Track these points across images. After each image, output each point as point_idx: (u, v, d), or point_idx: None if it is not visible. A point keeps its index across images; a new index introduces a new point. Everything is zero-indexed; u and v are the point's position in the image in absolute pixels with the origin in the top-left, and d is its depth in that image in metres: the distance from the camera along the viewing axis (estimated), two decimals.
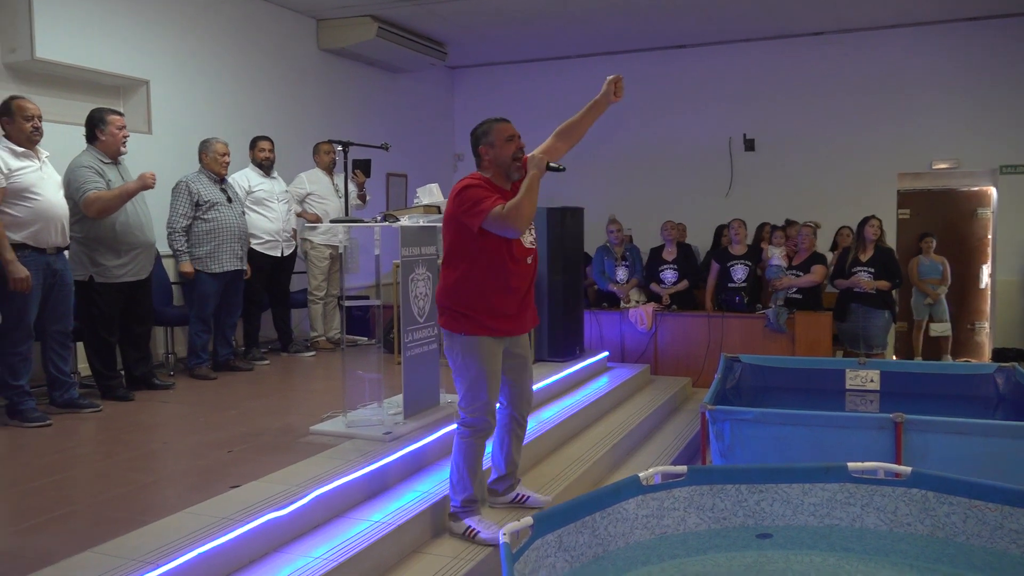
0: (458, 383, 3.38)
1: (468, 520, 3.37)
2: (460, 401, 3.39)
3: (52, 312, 4.46)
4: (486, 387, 3.32)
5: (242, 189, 6.14)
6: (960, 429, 3.83)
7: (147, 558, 2.57)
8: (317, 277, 6.69)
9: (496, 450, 3.64)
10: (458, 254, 3.30)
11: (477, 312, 3.28)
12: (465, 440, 3.37)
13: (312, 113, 7.94)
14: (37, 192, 4.26)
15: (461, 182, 3.31)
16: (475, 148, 3.40)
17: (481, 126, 3.42)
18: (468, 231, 3.22)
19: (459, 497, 3.39)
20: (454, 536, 3.40)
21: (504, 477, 3.67)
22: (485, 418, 3.36)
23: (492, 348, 3.33)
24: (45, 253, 4.33)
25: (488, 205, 3.16)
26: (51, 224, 4.33)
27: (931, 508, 2.75)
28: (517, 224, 3.14)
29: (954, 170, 8.68)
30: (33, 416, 4.26)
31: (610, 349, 7.17)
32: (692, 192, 9.43)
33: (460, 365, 3.34)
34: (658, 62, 9.59)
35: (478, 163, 3.41)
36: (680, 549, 2.82)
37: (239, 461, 3.66)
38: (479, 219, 3.16)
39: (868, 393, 5.26)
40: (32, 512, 3.04)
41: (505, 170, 3.35)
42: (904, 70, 8.69)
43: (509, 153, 3.32)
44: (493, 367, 3.34)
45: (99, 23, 5.78)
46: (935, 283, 8.21)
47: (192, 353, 5.64)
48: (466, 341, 3.30)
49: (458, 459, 3.38)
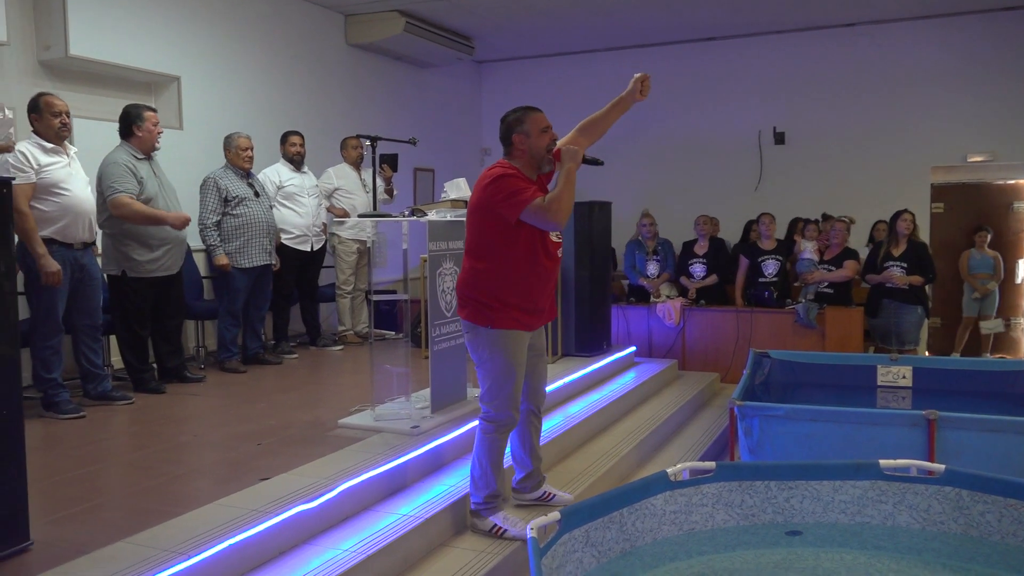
0: (482, 377, 3.32)
1: (494, 517, 3.34)
2: (483, 396, 3.32)
3: (81, 306, 4.52)
4: (513, 382, 3.26)
5: (273, 184, 6.20)
6: (995, 427, 3.77)
7: (179, 548, 2.61)
8: (345, 271, 6.73)
9: (518, 448, 3.56)
10: (487, 245, 3.22)
11: (508, 305, 3.21)
12: (489, 435, 3.31)
13: (340, 108, 7.98)
14: (65, 188, 4.32)
15: (493, 171, 3.24)
16: (507, 135, 3.31)
17: (515, 113, 3.33)
18: (502, 221, 3.16)
19: (482, 493, 3.35)
20: (478, 533, 3.36)
21: (531, 475, 3.61)
22: (509, 413, 3.30)
23: (520, 342, 3.28)
24: (72, 248, 4.40)
25: (528, 196, 3.12)
26: (79, 219, 4.39)
27: (965, 507, 2.71)
28: (558, 217, 3.11)
29: (989, 163, 8.52)
30: (67, 408, 4.33)
31: (638, 344, 7.14)
32: (721, 186, 9.35)
33: (486, 358, 3.27)
34: (687, 55, 9.52)
35: (508, 151, 3.33)
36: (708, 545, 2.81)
37: (268, 454, 3.69)
38: (518, 210, 3.11)
39: (900, 390, 5.19)
40: (67, 502, 3.09)
41: (537, 161, 3.30)
42: (938, 61, 8.54)
43: (543, 144, 3.27)
44: (520, 360, 3.28)
45: (131, 20, 5.85)
46: (985, 278, 8.04)
47: (222, 347, 5.70)
48: (494, 334, 3.23)
49: (481, 455, 3.32)
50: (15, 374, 2.67)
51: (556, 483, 3.88)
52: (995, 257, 8.10)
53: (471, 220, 3.29)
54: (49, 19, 5.37)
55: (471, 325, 3.29)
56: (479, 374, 3.34)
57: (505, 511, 3.40)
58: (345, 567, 2.79)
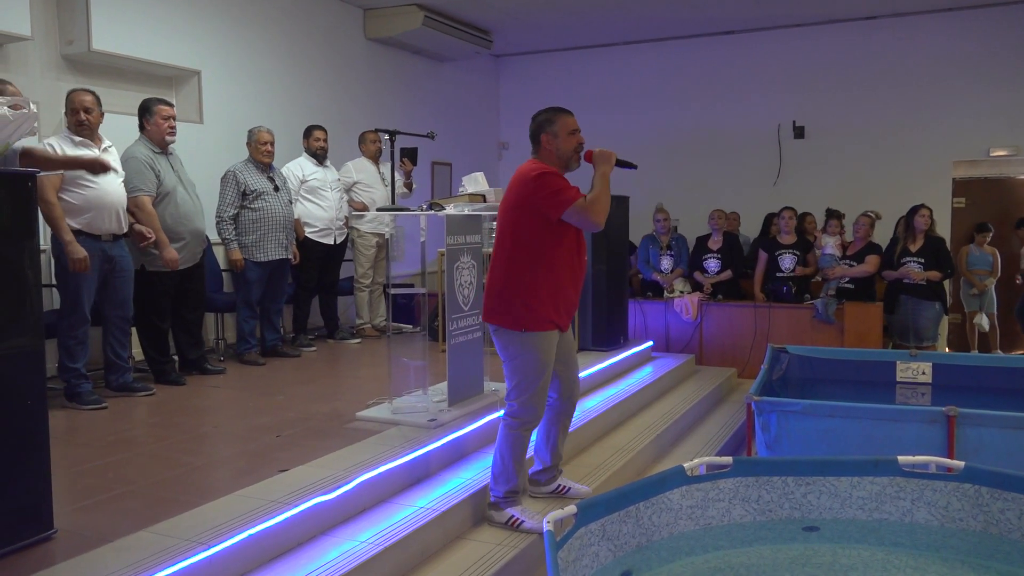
0: (509, 374, 3.34)
1: (511, 510, 3.37)
2: (510, 392, 3.35)
3: (112, 298, 4.59)
4: (540, 380, 3.30)
5: (296, 178, 6.24)
6: (1016, 423, 3.74)
7: (199, 538, 2.64)
8: (364, 265, 6.76)
9: (541, 443, 3.62)
10: (525, 243, 3.24)
11: (543, 305, 3.25)
12: (513, 432, 3.34)
13: (358, 102, 8.00)
14: (92, 180, 4.37)
15: (533, 169, 3.25)
16: (536, 134, 3.35)
17: (545, 113, 3.36)
18: (542, 219, 3.20)
19: (502, 488, 3.38)
20: (494, 525, 3.40)
21: (548, 468, 3.67)
22: (535, 410, 3.33)
23: (551, 341, 3.32)
24: (100, 240, 4.45)
25: (572, 195, 3.16)
26: (105, 211, 4.44)
27: (984, 504, 2.70)
28: (600, 218, 3.18)
29: (1012, 157, 8.42)
30: (89, 399, 4.39)
31: (655, 339, 7.13)
32: (740, 180, 9.30)
33: (516, 356, 3.29)
34: (706, 49, 9.46)
35: (535, 149, 3.37)
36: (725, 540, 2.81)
37: (287, 445, 3.73)
38: (563, 208, 3.16)
39: (920, 386, 5.16)
40: (90, 491, 3.13)
41: (564, 162, 3.33)
42: (960, 54, 8.44)
43: (571, 146, 3.32)
44: (549, 359, 3.32)
45: (153, 15, 5.90)
46: (983, 274, 7.98)
47: (240, 339, 5.75)
48: (526, 336, 3.26)
49: (504, 450, 3.35)
50: (40, 364, 2.71)
51: (573, 476, 3.90)
52: (993, 253, 8.01)
53: (507, 218, 3.30)
54: (72, 14, 5.43)
55: (501, 328, 3.31)
56: (506, 371, 3.36)
57: (523, 504, 3.43)
58: (362, 559, 2.82)
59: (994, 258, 8.01)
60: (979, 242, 8.06)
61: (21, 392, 2.62)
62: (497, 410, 4.27)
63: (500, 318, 3.30)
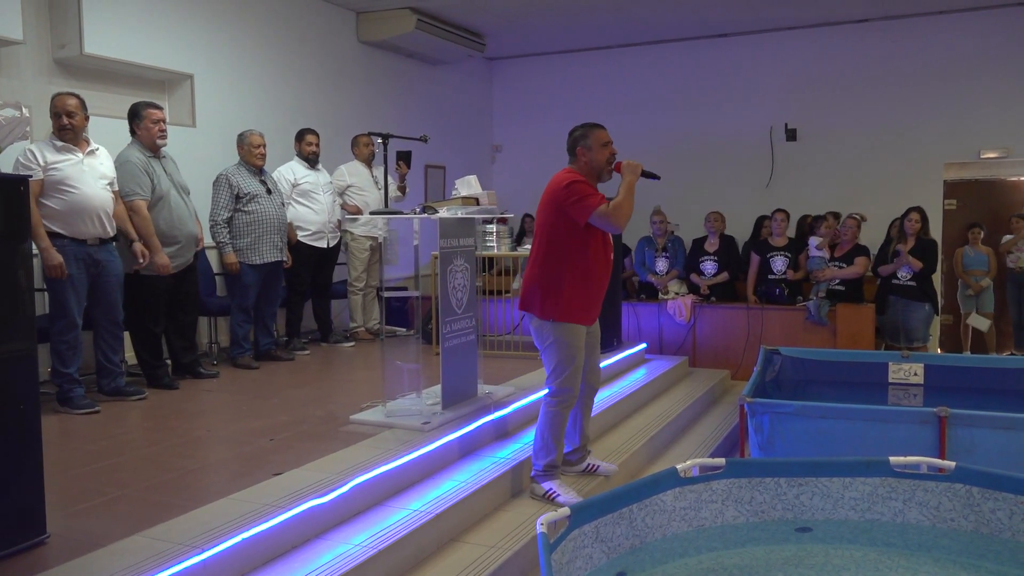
0: (546, 360, 3.74)
1: (548, 484, 3.71)
2: (549, 376, 3.74)
3: (100, 302, 4.57)
4: (574, 363, 3.69)
5: (288, 182, 6.23)
6: (1007, 424, 3.75)
7: (193, 542, 2.64)
8: (357, 268, 6.76)
9: (569, 426, 3.93)
10: (555, 242, 3.61)
11: (571, 300, 3.62)
12: (552, 409, 3.71)
13: (351, 105, 8.00)
14: (73, 185, 4.34)
15: (565, 177, 3.62)
16: (572, 147, 3.72)
17: (580, 129, 3.73)
18: (569, 222, 3.56)
19: (542, 462, 3.74)
20: (535, 497, 3.74)
21: (577, 449, 4.04)
22: (571, 390, 3.72)
23: (579, 332, 3.72)
24: (86, 244, 4.43)
25: (596, 201, 3.52)
26: (87, 216, 4.40)
27: (976, 504, 2.71)
28: (621, 222, 3.53)
29: (1003, 159, 8.46)
30: (81, 403, 4.38)
31: (648, 341, 7.14)
32: (733, 182, 9.33)
33: (550, 343, 3.69)
34: (699, 51, 9.50)
35: (572, 160, 3.73)
36: (718, 542, 2.81)
37: (281, 449, 3.72)
38: (588, 213, 3.51)
39: (912, 387, 5.17)
40: (83, 496, 3.13)
41: (597, 172, 3.70)
42: (951, 57, 8.49)
43: (603, 158, 3.69)
44: (579, 345, 3.72)
45: (145, 19, 5.89)
46: (979, 274, 8.00)
47: (234, 343, 5.74)
48: (558, 326, 3.65)
49: (543, 427, 3.72)
50: (33, 369, 2.71)
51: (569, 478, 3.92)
52: (988, 253, 8.03)
53: (542, 220, 3.70)
54: (64, 18, 5.42)
55: (536, 318, 3.70)
56: (544, 357, 3.77)
57: (559, 479, 3.78)
58: (356, 561, 2.82)
59: (990, 258, 8.02)
60: (972, 241, 8.07)
61: (14, 396, 2.62)
62: (491, 412, 4.29)
63: (532, 307, 3.71)
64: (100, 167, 4.55)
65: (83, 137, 4.50)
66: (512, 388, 4.79)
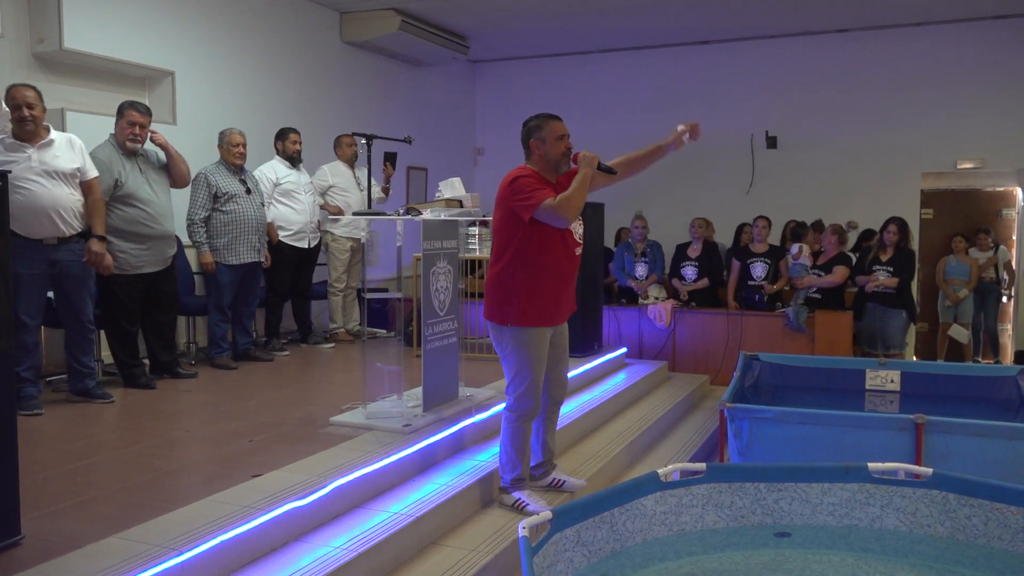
0: (506, 369, 3.58)
1: (517, 494, 3.61)
2: (508, 386, 3.58)
3: (63, 302, 4.46)
4: (534, 375, 3.52)
5: (269, 181, 6.19)
6: (982, 431, 3.80)
7: (170, 544, 2.61)
8: (337, 269, 6.72)
9: (532, 439, 3.76)
10: (507, 243, 3.47)
11: (530, 302, 3.45)
12: (512, 424, 3.58)
13: (334, 105, 7.97)
14: (21, 185, 4.14)
15: (512, 173, 3.48)
16: (525, 139, 3.54)
17: (534, 120, 3.55)
18: (518, 220, 3.41)
19: (508, 476, 3.63)
20: (504, 507, 3.65)
21: (540, 464, 3.86)
22: (531, 402, 3.56)
23: (542, 338, 3.53)
24: (42, 243, 4.27)
25: (540, 196, 3.35)
26: (39, 216, 4.23)
27: (952, 510, 2.74)
28: (567, 215, 3.34)
29: (979, 170, 8.59)
30: (27, 404, 4.19)
31: (628, 345, 7.17)
32: (713, 189, 9.39)
33: (510, 352, 3.53)
34: (681, 58, 9.55)
35: (527, 155, 3.57)
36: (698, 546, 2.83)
37: (260, 450, 3.69)
38: (531, 210, 3.34)
39: (888, 394, 5.23)
40: (58, 497, 3.08)
41: (553, 165, 3.52)
42: (929, 68, 8.60)
43: (559, 151, 3.50)
44: (540, 354, 3.53)
45: (126, 14, 5.83)
46: (958, 284, 8.08)
47: (212, 343, 5.69)
48: (516, 331, 3.48)
49: (506, 442, 3.61)
50: (8, 368, 2.67)
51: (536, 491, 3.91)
52: (971, 264, 8.11)
53: (494, 221, 3.56)
54: (43, 12, 5.36)
55: (495, 324, 3.54)
56: (504, 366, 3.60)
57: (529, 490, 3.67)
58: (336, 564, 2.80)
59: (972, 269, 8.09)
60: (956, 251, 8.14)
61: None
62: (473, 415, 4.28)
63: (492, 314, 3.55)
64: (55, 160, 4.30)
65: (43, 126, 4.29)
66: (493, 391, 4.78)
